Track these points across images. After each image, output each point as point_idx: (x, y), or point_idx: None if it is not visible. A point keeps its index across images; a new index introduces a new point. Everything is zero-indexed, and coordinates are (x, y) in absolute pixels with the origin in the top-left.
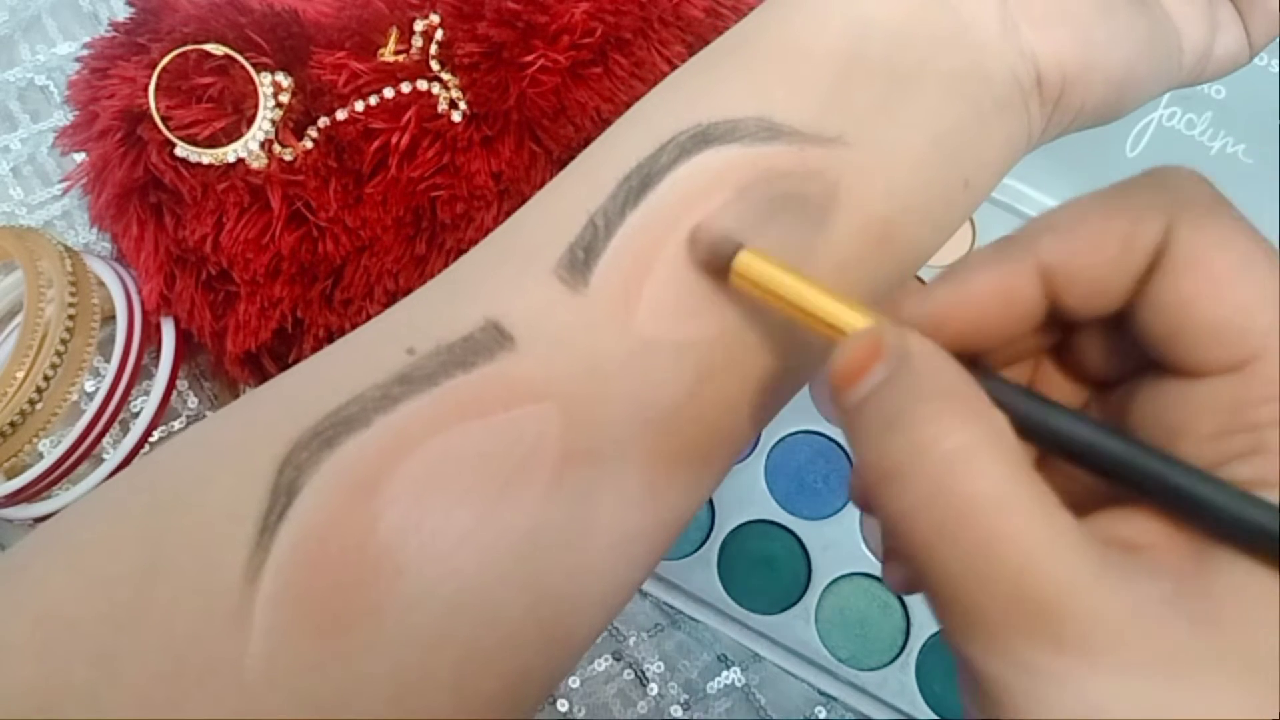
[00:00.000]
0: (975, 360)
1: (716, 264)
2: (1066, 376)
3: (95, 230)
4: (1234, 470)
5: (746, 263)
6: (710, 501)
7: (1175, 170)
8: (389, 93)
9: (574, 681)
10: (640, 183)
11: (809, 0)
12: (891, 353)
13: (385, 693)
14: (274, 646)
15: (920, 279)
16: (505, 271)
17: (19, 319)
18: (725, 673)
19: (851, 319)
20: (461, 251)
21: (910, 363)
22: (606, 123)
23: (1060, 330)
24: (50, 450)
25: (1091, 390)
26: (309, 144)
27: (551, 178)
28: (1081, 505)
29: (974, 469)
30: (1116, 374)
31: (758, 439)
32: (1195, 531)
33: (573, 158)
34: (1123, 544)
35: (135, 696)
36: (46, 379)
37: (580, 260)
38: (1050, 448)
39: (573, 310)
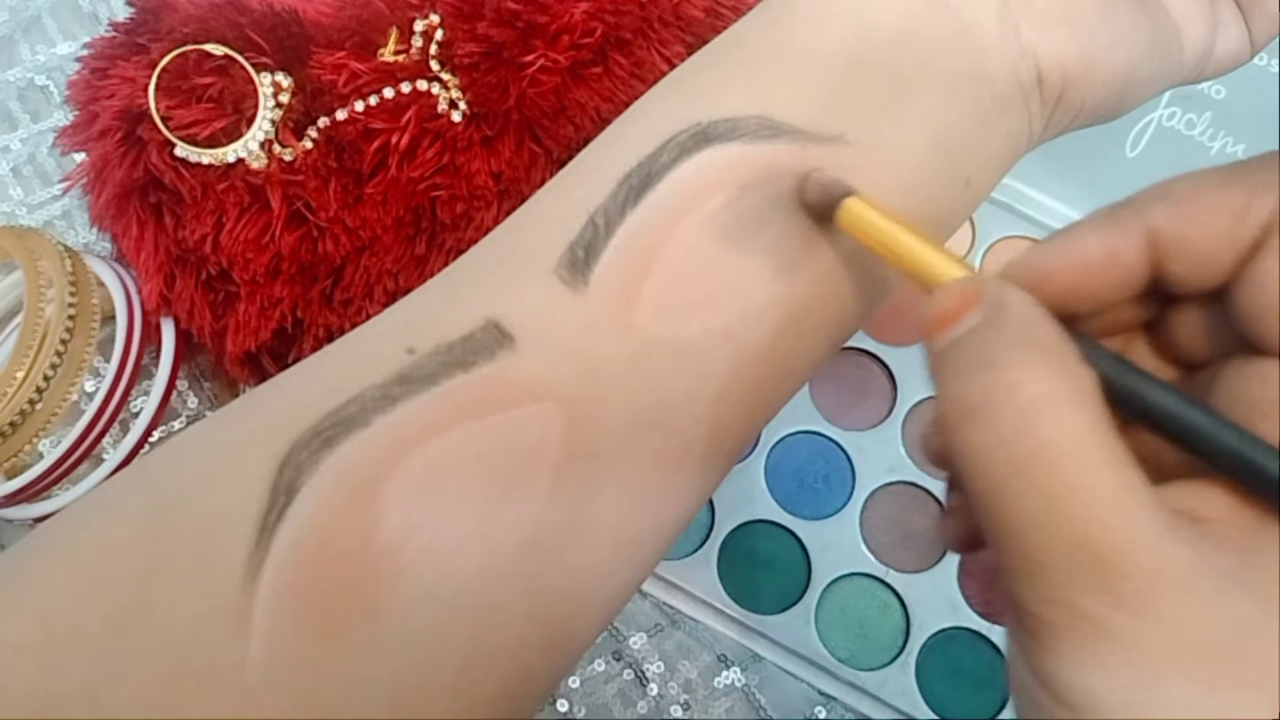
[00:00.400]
0: (1071, 322)
1: (826, 205)
2: (1157, 355)
3: (95, 230)
4: None
5: (855, 207)
6: (710, 501)
7: None
8: (389, 93)
9: (574, 681)
10: (640, 181)
11: (810, 1)
12: (989, 300)
13: (385, 694)
14: (274, 647)
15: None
16: (505, 271)
17: (19, 319)
18: (725, 673)
19: (951, 269)
20: (461, 251)
21: (1006, 311)
22: (606, 123)
23: (1156, 306)
24: (50, 450)
25: (1180, 372)
26: (309, 144)
27: (551, 177)
28: (1157, 476)
29: (1055, 416)
30: (1207, 355)
31: (758, 439)
32: (1265, 512)
33: (573, 158)
34: (1192, 515)
35: (135, 697)
36: (46, 379)
37: (580, 260)
38: (1135, 415)
39: (573, 310)
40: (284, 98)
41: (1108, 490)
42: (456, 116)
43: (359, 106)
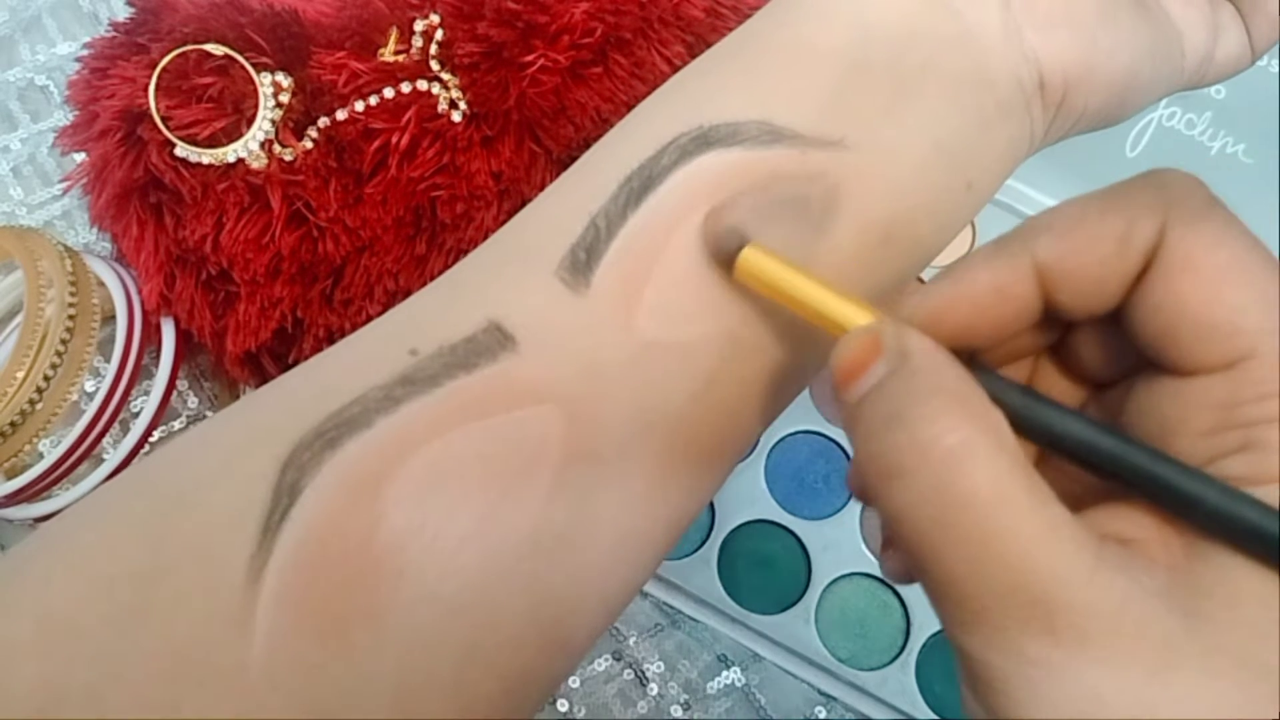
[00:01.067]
0: (973, 358)
1: (722, 257)
2: (1064, 376)
3: (95, 230)
4: (1226, 467)
5: (751, 258)
6: (710, 501)
7: (1170, 172)
8: (389, 93)
9: (574, 681)
10: (641, 185)
11: (812, 4)
12: (891, 350)
13: (387, 693)
14: (276, 647)
15: (921, 280)
16: (507, 273)
17: (19, 319)
18: (725, 673)
19: (853, 315)
20: (461, 251)
21: (910, 360)
22: (606, 123)
23: (1058, 330)
24: (50, 450)
25: (1089, 390)
26: (309, 144)
27: (552, 178)
28: (1078, 501)
29: (973, 465)
30: (1113, 373)
31: (757, 439)
32: (1187, 527)
33: (573, 158)
34: (1117, 538)
35: (137, 697)
36: (46, 379)
37: (582, 262)
38: (1047, 444)
39: (574, 312)
40: (284, 98)
41: (1033, 531)
42: (456, 116)
43: (359, 106)
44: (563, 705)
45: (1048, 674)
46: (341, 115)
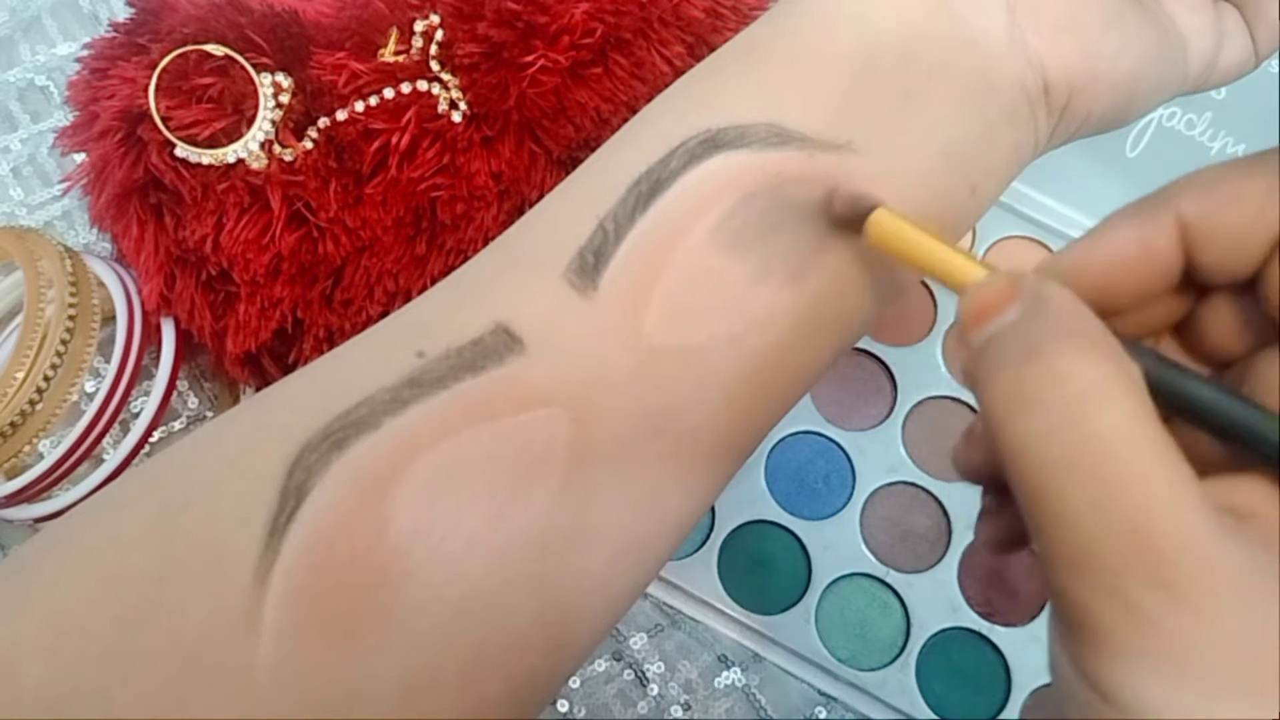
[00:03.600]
0: (1104, 321)
1: (854, 218)
2: (1187, 355)
3: (95, 231)
4: None
5: (884, 219)
6: None
7: None
8: (389, 93)
9: (574, 682)
10: (650, 188)
11: (820, 8)
12: (1029, 293)
13: (393, 694)
14: (283, 648)
15: (924, 284)
16: (515, 275)
17: (19, 319)
18: (725, 673)
19: (979, 274)
20: (462, 252)
21: (1047, 303)
22: (607, 123)
23: (1187, 303)
24: (50, 451)
25: (1211, 370)
26: (309, 144)
27: (552, 178)
28: (1198, 470)
29: (1107, 405)
30: (1237, 350)
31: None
32: None
33: (573, 158)
34: (1233, 510)
35: (144, 697)
36: (46, 379)
37: (590, 265)
38: (1170, 408)
39: (582, 315)
40: (284, 98)
41: (1162, 483)
42: (456, 117)
43: (359, 107)
44: (563, 705)
45: (1157, 634)
46: (341, 115)
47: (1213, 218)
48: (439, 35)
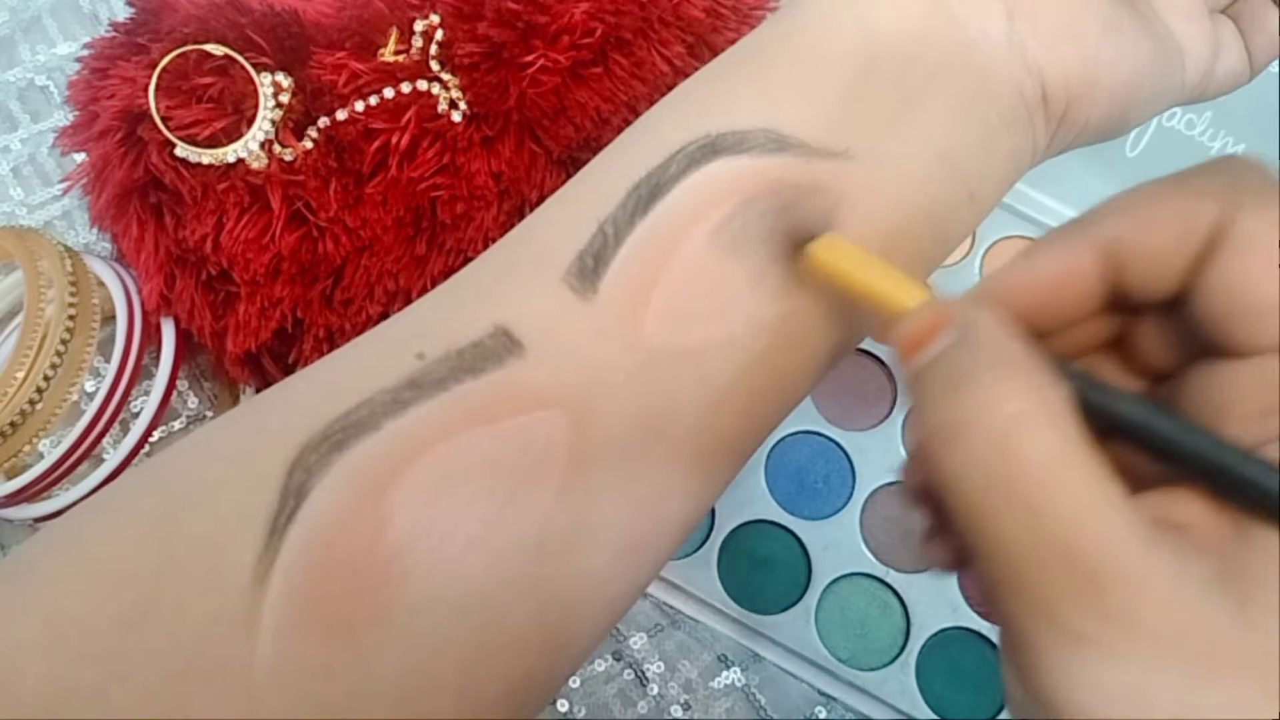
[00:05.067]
0: (1036, 343)
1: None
2: (1120, 371)
3: (95, 230)
4: (1277, 449)
5: (818, 250)
6: None
7: (1238, 158)
8: (389, 93)
9: (574, 682)
10: (649, 192)
11: (820, 14)
12: (959, 321)
13: (391, 695)
14: (282, 648)
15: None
16: (515, 278)
17: (19, 319)
18: (725, 673)
19: (918, 296)
20: (461, 252)
21: (977, 330)
22: (606, 123)
23: (1116, 322)
24: (50, 450)
25: (1144, 386)
26: (309, 144)
27: (552, 178)
28: (1132, 485)
29: (1033, 432)
30: (1170, 365)
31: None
32: (1238, 512)
33: (573, 158)
34: (1169, 522)
35: (143, 696)
36: (46, 379)
37: (589, 268)
38: (1100, 426)
39: (582, 318)
40: (284, 98)
41: (1090, 504)
42: (456, 116)
43: (359, 106)
44: (563, 705)
45: (1092, 651)
46: (341, 115)
47: (1134, 240)
48: (439, 35)
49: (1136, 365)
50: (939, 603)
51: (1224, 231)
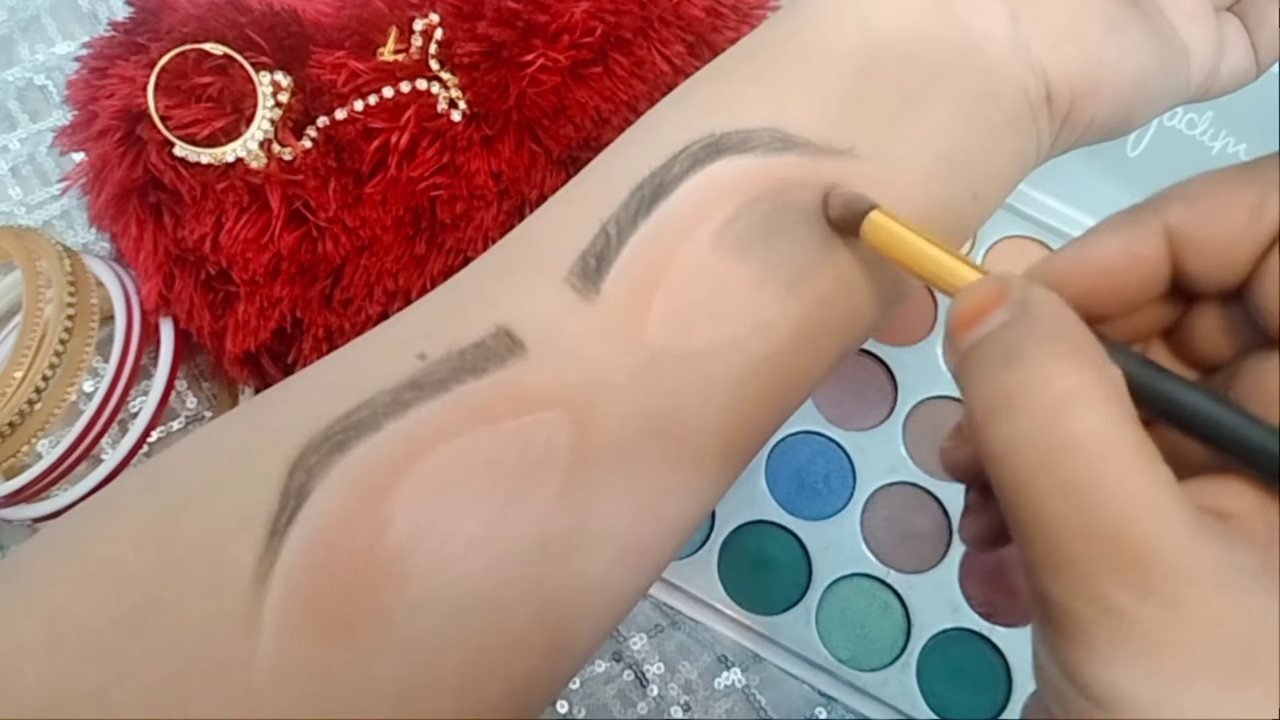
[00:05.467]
0: (1092, 326)
1: (850, 219)
2: (1176, 359)
3: (94, 230)
4: None
5: (879, 220)
6: None
7: None
8: (388, 92)
9: (574, 682)
10: (653, 192)
11: (823, 13)
12: (1016, 297)
13: (391, 695)
14: (282, 648)
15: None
16: (517, 278)
17: (17, 319)
18: (725, 674)
19: (974, 276)
20: (461, 251)
21: (1032, 308)
22: (607, 122)
23: (1176, 310)
24: (49, 451)
25: (1198, 375)
26: (308, 143)
27: (551, 177)
28: (1181, 471)
29: (1086, 410)
30: (1225, 356)
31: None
32: None
33: (573, 158)
34: (1216, 511)
35: (144, 696)
36: (45, 379)
37: (592, 269)
38: (1155, 411)
39: (584, 318)
40: (283, 97)
41: (1138, 485)
42: (456, 116)
43: (358, 106)
44: (562, 706)
45: (1133, 629)
46: (341, 115)
47: (1199, 228)
48: (438, 34)
49: (1191, 354)
50: (940, 603)
51: None
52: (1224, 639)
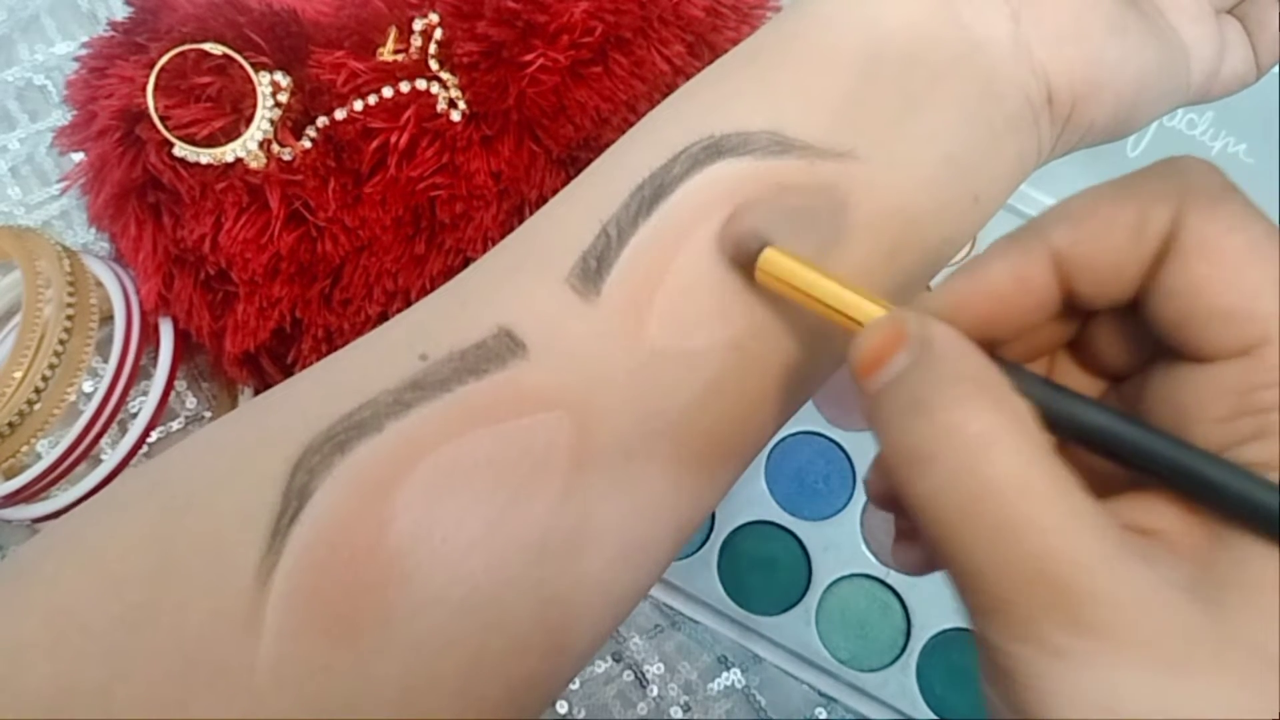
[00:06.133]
0: (992, 351)
1: (743, 259)
2: (1081, 371)
3: (93, 230)
4: (1242, 453)
5: (772, 258)
6: None
7: (1185, 159)
8: (388, 92)
9: (574, 683)
10: (653, 193)
11: (824, 15)
12: (914, 339)
13: (392, 696)
14: (284, 648)
15: (929, 288)
16: (518, 279)
17: (17, 319)
18: (725, 674)
19: (873, 311)
20: (461, 251)
21: (933, 348)
22: (606, 122)
23: (1074, 324)
24: (48, 451)
25: (1106, 384)
26: (308, 143)
27: (551, 177)
28: (1099, 491)
29: (996, 453)
30: (1131, 365)
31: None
32: (1209, 516)
33: (572, 157)
34: (1140, 529)
35: (146, 696)
36: (45, 379)
37: (592, 269)
38: (1067, 435)
39: (584, 319)
40: (283, 97)
41: (1057, 520)
42: (456, 116)
43: (358, 106)
44: (562, 706)
45: (1071, 665)
46: (340, 115)
47: (1084, 249)
48: (438, 34)
49: (1097, 365)
50: (940, 604)
51: (1176, 236)
52: (1157, 648)
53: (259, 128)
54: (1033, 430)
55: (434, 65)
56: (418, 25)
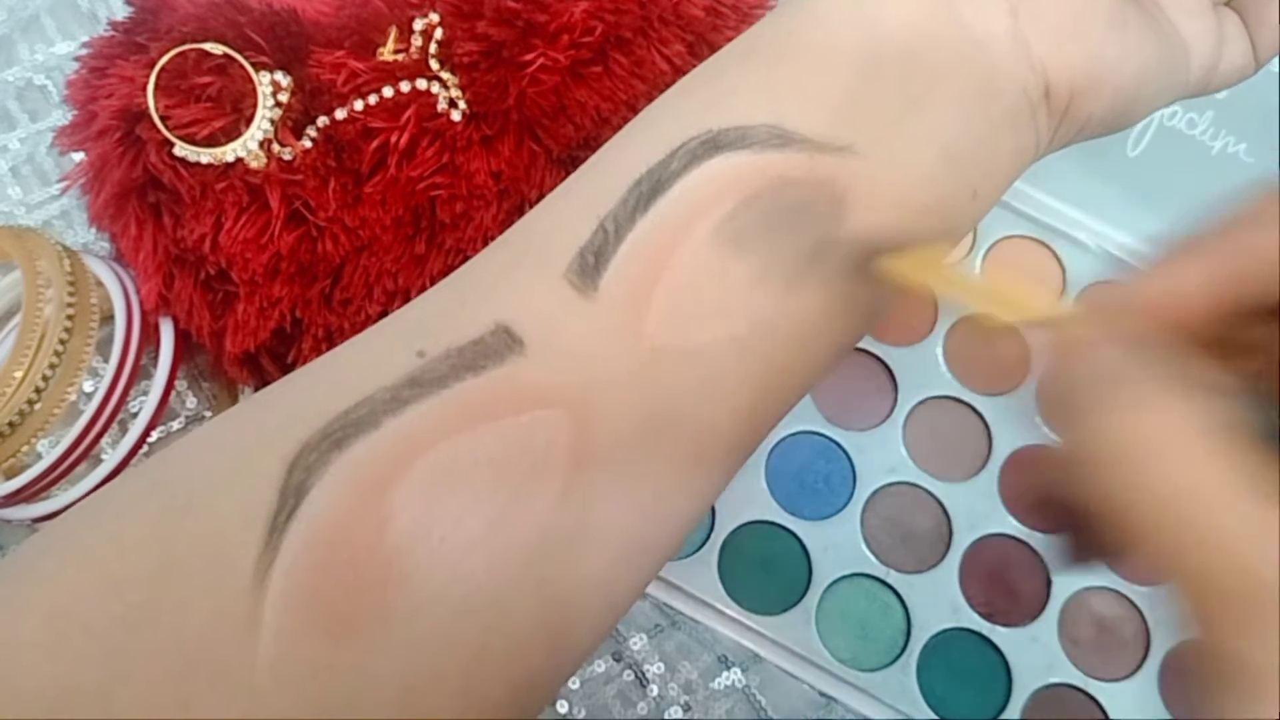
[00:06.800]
0: (1187, 353)
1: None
2: None
3: (94, 230)
4: None
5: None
6: None
7: None
8: (388, 92)
9: (574, 683)
10: (651, 188)
11: (823, 9)
12: (1114, 336)
13: (392, 695)
14: (283, 647)
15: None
16: (516, 275)
17: (17, 319)
18: (725, 674)
19: (1053, 303)
20: (461, 251)
21: (1135, 347)
22: (606, 122)
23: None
24: (48, 451)
25: None
26: (308, 143)
27: (551, 177)
28: None
29: (1200, 456)
30: None
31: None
32: None
33: (573, 157)
34: None
35: (145, 696)
36: (45, 379)
37: (590, 265)
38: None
39: (583, 316)
40: (283, 97)
41: (1268, 531)
42: (456, 116)
43: (358, 106)
44: (562, 706)
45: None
46: (341, 114)
47: None
48: (438, 34)
49: None
50: (940, 603)
51: None
52: None
53: (259, 127)
54: (1237, 436)
55: (434, 65)
56: (418, 25)
